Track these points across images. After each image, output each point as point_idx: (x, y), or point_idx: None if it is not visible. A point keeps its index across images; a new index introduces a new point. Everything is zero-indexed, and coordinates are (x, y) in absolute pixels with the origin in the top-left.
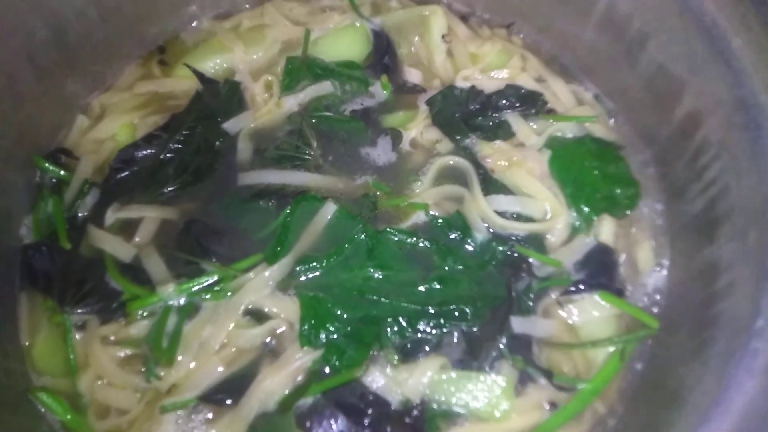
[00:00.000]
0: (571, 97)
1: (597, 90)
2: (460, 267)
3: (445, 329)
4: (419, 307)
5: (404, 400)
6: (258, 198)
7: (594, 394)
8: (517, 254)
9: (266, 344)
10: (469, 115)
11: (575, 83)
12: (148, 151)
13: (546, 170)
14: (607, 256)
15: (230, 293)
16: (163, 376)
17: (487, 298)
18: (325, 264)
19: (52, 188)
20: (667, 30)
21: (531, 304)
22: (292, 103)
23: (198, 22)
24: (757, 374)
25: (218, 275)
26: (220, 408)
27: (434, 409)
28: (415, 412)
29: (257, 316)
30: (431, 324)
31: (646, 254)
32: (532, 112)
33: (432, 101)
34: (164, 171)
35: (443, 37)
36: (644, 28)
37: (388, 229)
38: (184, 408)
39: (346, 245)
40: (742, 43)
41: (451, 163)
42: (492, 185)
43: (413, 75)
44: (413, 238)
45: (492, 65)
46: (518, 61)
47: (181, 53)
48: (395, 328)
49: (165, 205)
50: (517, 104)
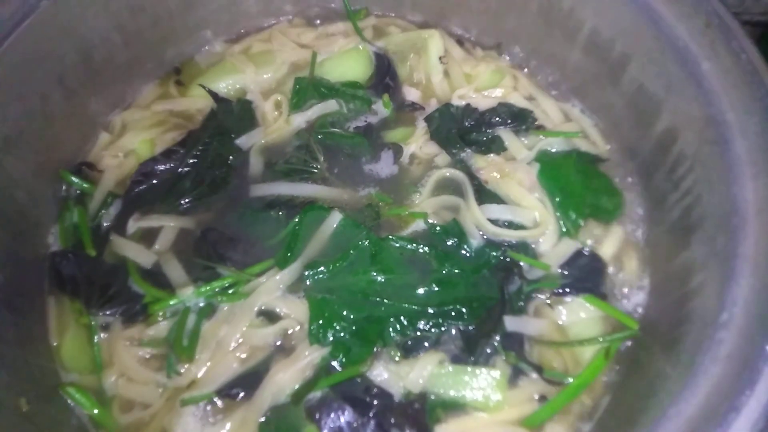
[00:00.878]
0: (559, 113)
1: (583, 107)
2: (457, 271)
3: (443, 328)
4: (419, 308)
5: (406, 392)
6: (269, 208)
7: (581, 389)
8: (509, 259)
9: (278, 342)
10: (464, 130)
11: (563, 101)
12: (167, 165)
13: (535, 181)
14: (593, 262)
15: (244, 296)
16: (183, 372)
17: (482, 299)
18: (331, 268)
19: (77, 199)
20: (646, 53)
21: (522, 304)
22: (300, 120)
23: (211, 45)
24: (720, 360)
25: (233, 279)
26: (236, 401)
27: (434, 400)
28: (416, 403)
29: (270, 316)
30: (430, 323)
31: (631, 259)
32: (522, 128)
33: (430, 118)
34: (182, 183)
35: (440, 58)
36: (626, 51)
37: (390, 236)
38: (202, 401)
39: (351, 251)
40: (710, 66)
41: (448, 175)
42: (486, 195)
43: (412, 94)
44: (413, 245)
45: (486, 84)
46: (510, 80)
47: (195, 74)
48: (397, 327)
49: (182, 215)
50: (509, 121)
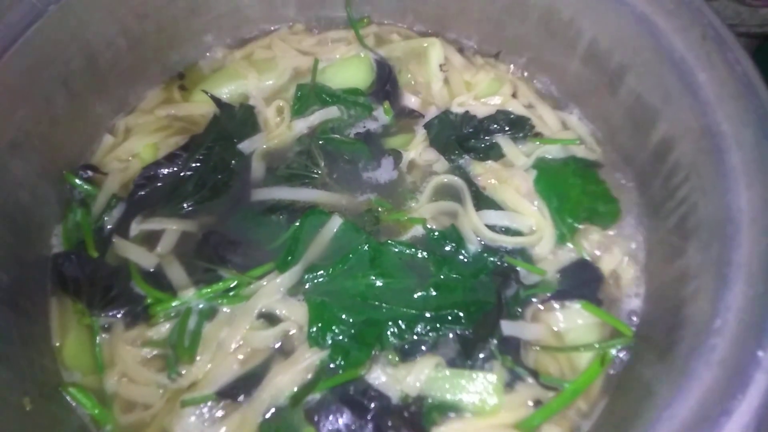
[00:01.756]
0: (557, 121)
1: (582, 115)
2: (455, 275)
3: (440, 332)
4: (417, 312)
5: (403, 395)
6: (270, 212)
7: (576, 394)
8: (506, 264)
9: (278, 344)
10: (463, 137)
11: (562, 109)
12: (170, 169)
13: (531, 188)
14: (589, 269)
15: (245, 298)
16: (184, 373)
17: (479, 304)
18: (331, 272)
19: (80, 202)
20: (643, 64)
21: (519, 309)
22: (301, 126)
23: (213, 51)
24: (713, 366)
25: (234, 282)
26: (236, 402)
27: (430, 403)
28: (413, 406)
29: (270, 318)
30: (428, 327)
31: (627, 266)
32: (520, 135)
33: (429, 125)
34: (184, 187)
35: (441, 66)
36: (623, 61)
37: (389, 241)
38: (202, 402)
39: (351, 255)
40: (706, 77)
41: (446, 181)
42: (483, 201)
43: (412, 101)
44: (412, 249)
45: (485, 92)
46: (509, 88)
47: (199, 79)
48: (395, 331)
49: (185, 218)
50: (507, 128)
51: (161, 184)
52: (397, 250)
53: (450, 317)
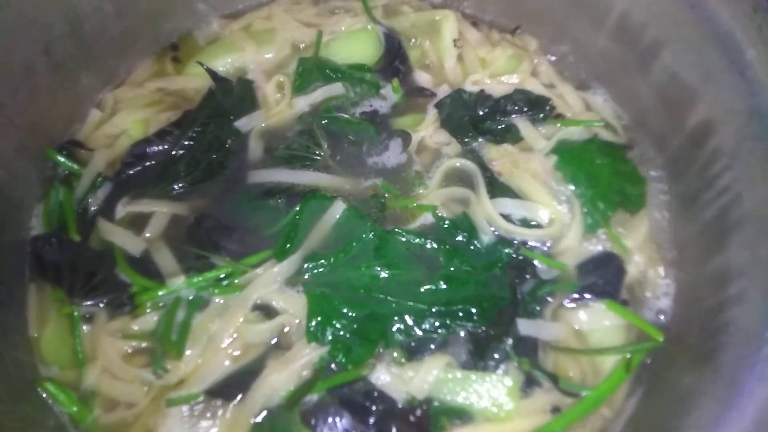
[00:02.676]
0: (579, 102)
1: (608, 96)
2: (466, 268)
3: (450, 329)
4: (425, 307)
5: (409, 398)
6: (268, 196)
7: (598, 402)
8: (522, 257)
9: (274, 340)
10: (477, 119)
11: (585, 89)
12: (160, 147)
13: (550, 173)
14: (614, 265)
15: (239, 288)
16: (171, 369)
17: (493, 299)
18: (332, 262)
19: (63, 180)
20: (682, 40)
21: (538, 307)
22: (303, 103)
23: (209, 20)
24: None
25: (228, 270)
26: (226, 402)
27: (439, 407)
28: (419, 410)
29: (266, 311)
30: (437, 323)
31: (655, 260)
32: (540, 116)
33: (441, 105)
34: (176, 167)
35: (454, 41)
36: (658, 37)
37: (396, 229)
38: (190, 401)
39: (354, 244)
40: (756, 54)
41: (458, 165)
42: (498, 188)
43: (423, 78)
44: (421, 239)
45: (502, 70)
46: (528, 66)
47: (193, 51)
48: (401, 327)
49: (176, 201)
50: (526, 109)
51: (151, 163)
52: (404, 239)
53: (461, 313)
